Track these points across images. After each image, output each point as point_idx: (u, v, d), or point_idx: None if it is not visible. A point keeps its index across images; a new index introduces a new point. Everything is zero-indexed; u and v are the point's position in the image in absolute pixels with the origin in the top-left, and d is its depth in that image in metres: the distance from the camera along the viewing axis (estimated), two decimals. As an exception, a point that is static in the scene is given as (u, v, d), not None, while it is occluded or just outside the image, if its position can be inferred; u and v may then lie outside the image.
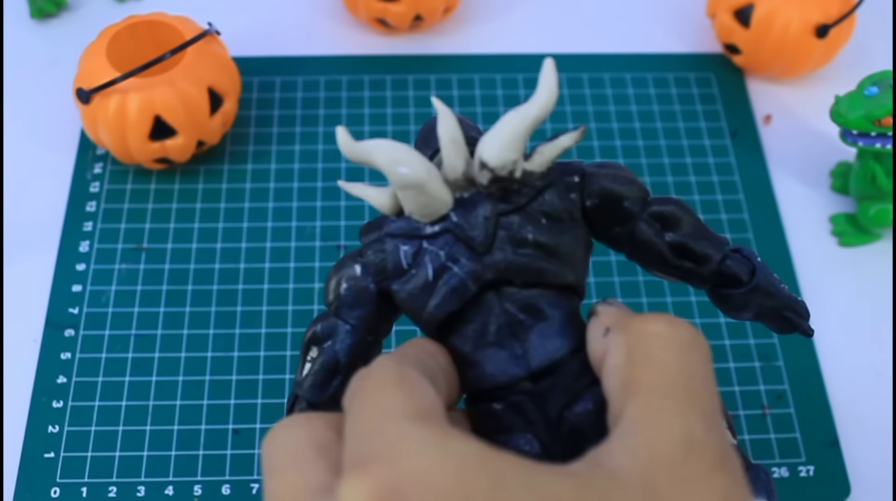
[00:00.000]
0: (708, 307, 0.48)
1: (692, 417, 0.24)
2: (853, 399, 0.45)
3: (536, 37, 0.59)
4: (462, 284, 0.28)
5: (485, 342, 0.28)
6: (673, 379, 0.24)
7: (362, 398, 0.24)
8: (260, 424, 0.44)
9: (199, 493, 0.42)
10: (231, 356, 0.45)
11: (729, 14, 0.55)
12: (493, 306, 0.28)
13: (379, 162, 0.27)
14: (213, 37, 0.51)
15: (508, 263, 0.27)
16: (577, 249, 0.29)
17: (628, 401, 0.24)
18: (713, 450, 0.23)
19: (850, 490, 0.43)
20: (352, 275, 0.29)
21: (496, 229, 0.28)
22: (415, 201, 0.28)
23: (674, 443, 0.23)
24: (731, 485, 0.23)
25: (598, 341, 0.27)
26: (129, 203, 0.50)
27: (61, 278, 0.48)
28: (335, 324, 0.30)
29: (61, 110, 0.54)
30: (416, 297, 0.28)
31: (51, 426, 0.43)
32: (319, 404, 0.30)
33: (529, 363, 0.27)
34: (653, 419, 0.24)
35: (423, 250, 0.28)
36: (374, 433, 0.23)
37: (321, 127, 0.54)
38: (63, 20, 0.59)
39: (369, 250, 0.29)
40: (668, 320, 0.26)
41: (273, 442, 0.25)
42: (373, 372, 0.25)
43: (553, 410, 0.27)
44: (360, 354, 0.30)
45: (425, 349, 0.28)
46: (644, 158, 0.53)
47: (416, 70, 0.57)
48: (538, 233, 0.28)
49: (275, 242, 0.49)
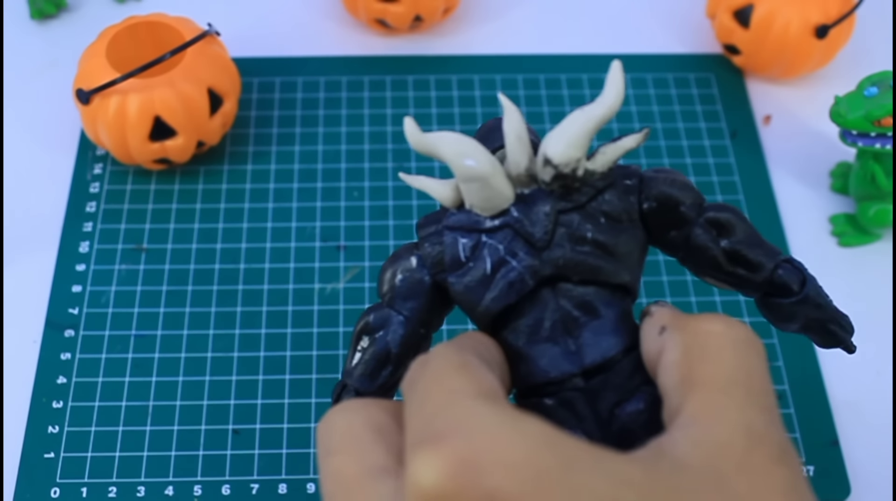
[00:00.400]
0: (705, 308, 0.48)
1: (752, 411, 0.24)
2: (853, 399, 0.45)
3: (536, 37, 0.59)
4: (520, 278, 0.28)
5: (539, 338, 0.28)
6: (731, 375, 0.25)
7: (427, 380, 0.24)
8: (260, 424, 0.44)
9: (199, 493, 0.42)
10: (231, 356, 0.45)
11: (729, 14, 0.55)
12: (548, 301, 0.28)
13: (446, 154, 0.28)
14: (213, 37, 0.51)
15: (567, 259, 0.28)
16: (633, 249, 0.29)
17: (687, 396, 0.25)
18: (775, 443, 0.24)
19: (851, 490, 0.43)
20: (408, 267, 0.30)
21: (556, 226, 0.28)
22: (478, 194, 0.28)
23: (736, 434, 0.23)
24: (794, 479, 0.23)
25: (654, 339, 0.27)
26: (129, 204, 0.51)
27: (61, 278, 0.48)
28: (388, 315, 0.30)
29: (61, 111, 0.54)
30: (472, 290, 0.29)
31: (51, 427, 0.43)
32: (368, 393, 0.30)
33: (583, 359, 0.28)
34: (714, 411, 0.24)
35: (482, 243, 0.28)
36: (444, 410, 0.23)
37: (321, 128, 0.54)
38: (63, 21, 0.59)
39: (426, 243, 0.30)
40: (724, 319, 0.26)
41: (330, 424, 0.26)
42: (434, 357, 0.25)
43: (604, 408, 0.28)
44: (411, 346, 0.30)
45: (481, 340, 0.28)
46: (644, 159, 0.53)
47: (416, 71, 0.57)
48: (597, 232, 0.28)
49: (275, 242, 0.49)
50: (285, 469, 0.42)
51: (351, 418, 0.25)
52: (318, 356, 0.46)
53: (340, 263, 0.49)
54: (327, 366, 0.45)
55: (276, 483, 0.42)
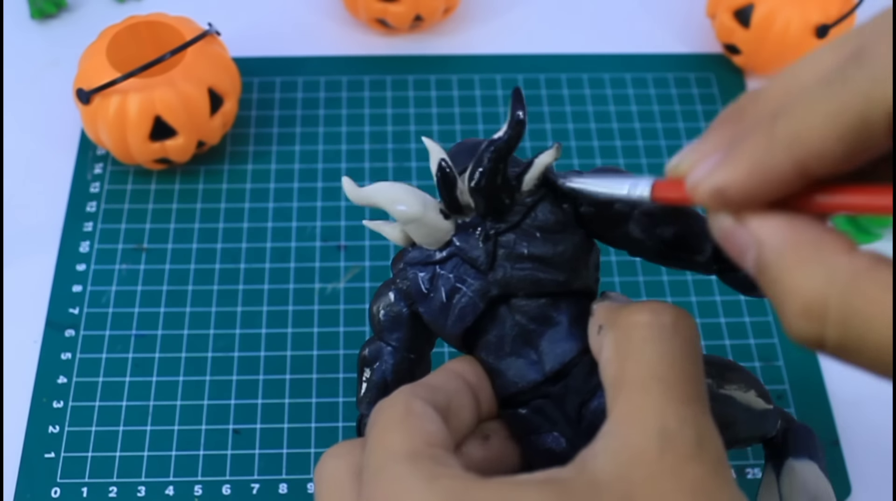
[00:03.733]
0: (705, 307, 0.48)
1: (668, 409, 0.24)
2: (853, 399, 0.45)
3: (536, 37, 0.59)
4: (471, 302, 0.30)
5: (504, 353, 0.30)
6: (652, 371, 0.25)
7: (373, 434, 0.26)
8: (260, 424, 0.44)
9: (200, 493, 0.42)
10: (231, 356, 0.46)
11: (729, 14, 0.55)
12: (505, 318, 0.30)
13: (380, 202, 0.30)
14: (214, 37, 0.51)
15: (508, 278, 0.30)
16: (576, 254, 0.30)
17: (615, 397, 0.25)
18: (686, 440, 0.24)
19: (851, 490, 0.43)
20: (388, 301, 0.32)
21: (496, 248, 0.30)
22: (418, 233, 0.31)
23: (649, 439, 0.24)
24: (704, 474, 0.23)
25: (595, 339, 0.28)
26: (130, 204, 0.51)
27: (61, 278, 0.48)
28: (380, 347, 0.32)
29: (61, 111, 0.54)
30: (436, 318, 0.31)
31: (51, 427, 0.43)
32: None
33: (544, 367, 0.29)
34: (631, 416, 0.24)
35: (437, 274, 0.31)
36: (378, 473, 0.25)
37: (321, 127, 0.54)
38: (63, 21, 0.59)
39: (398, 278, 0.32)
40: (651, 308, 0.26)
41: (321, 470, 0.28)
42: (384, 406, 0.27)
43: (571, 409, 0.29)
44: (404, 371, 0.32)
45: (451, 370, 0.30)
46: (644, 159, 0.53)
47: (416, 70, 0.57)
48: (532, 247, 0.30)
49: (275, 242, 0.49)
50: (286, 468, 0.42)
51: (337, 464, 0.27)
52: (318, 355, 0.46)
53: (341, 263, 0.49)
54: (327, 366, 0.45)
55: (276, 483, 0.42)
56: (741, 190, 0.22)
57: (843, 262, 0.21)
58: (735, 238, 0.23)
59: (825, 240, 0.21)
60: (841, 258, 0.21)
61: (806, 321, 0.21)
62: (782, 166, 0.21)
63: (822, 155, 0.21)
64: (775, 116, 0.21)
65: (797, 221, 0.22)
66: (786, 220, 0.22)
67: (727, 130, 0.24)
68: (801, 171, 0.21)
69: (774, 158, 0.21)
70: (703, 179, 0.23)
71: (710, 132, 0.24)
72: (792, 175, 0.21)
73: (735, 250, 0.23)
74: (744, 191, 0.22)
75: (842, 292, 0.20)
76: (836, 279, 0.20)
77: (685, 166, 0.24)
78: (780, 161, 0.21)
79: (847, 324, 0.20)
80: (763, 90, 0.24)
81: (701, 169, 0.23)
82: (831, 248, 0.21)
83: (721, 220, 0.23)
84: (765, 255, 0.22)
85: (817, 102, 0.21)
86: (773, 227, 0.22)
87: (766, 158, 0.21)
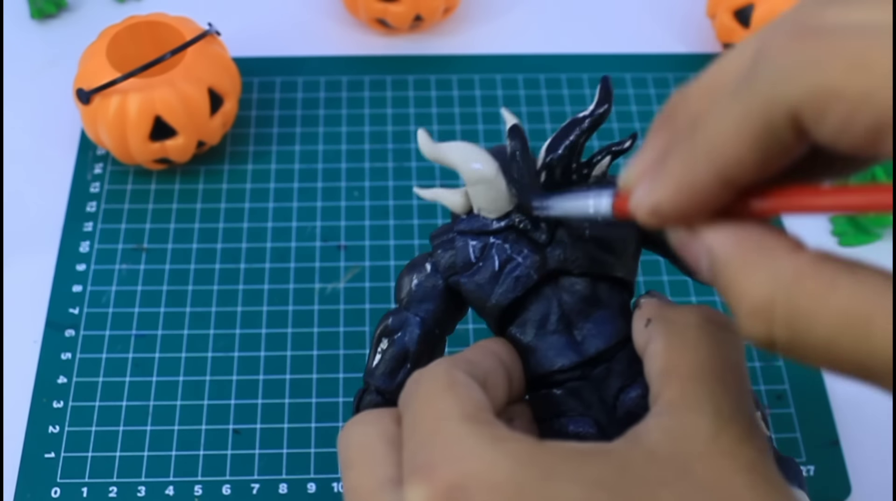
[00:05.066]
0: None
1: (722, 397, 0.26)
2: (853, 399, 0.45)
3: (536, 37, 0.59)
4: (526, 273, 0.30)
5: (545, 331, 0.30)
6: (706, 365, 0.26)
7: (419, 401, 0.26)
8: (260, 424, 0.44)
9: (200, 493, 0.42)
10: (231, 356, 0.46)
11: (729, 14, 0.55)
12: (551, 297, 0.31)
13: (455, 160, 0.31)
14: (214, 37, 0.51)
15: (567, 254, 0.30)
16: (628, 246, 0.31)
17: (665, 384, 0.26)
18: (741, 425, 0.25)
19: (851, 490, 0.43)
20: (423, 273, 0.32)
21: (556, 225, 0.30)
22: (484, 196, 0.31)
23: (704, 419, 0.25)
24: (756, 456, 0.25)
25: (642, 331, 0.29)
26: (130, 204, 0.51)
27: (61, 278, 0.48)
28: (406, 317, 0.32)
29: (61, 111, 0.54)
30: (482, 287, 0.31)
31: (51, 427, 0.43)
32: (388, 392, 0.32)
33: (588, 349, 0.30)
34: (687, 399, 0.26)
35: (490, 244, 0.31)
36: (432, 436, 0.25)
37: (321, 127, 0.54)
38: (63, 20, 0.59)
39: (439, 249, 0.32)
40: (704, 312, 0.28)
41: (348, 438, 0.27)
42: (425, 376, 0.27)
43: (609, 394, 0.30)
44: (427, 345, 0.32)
45: (486, 348, 0.30)
46: (644, 159, 0.53)
47: (416, 70, 0.57)
48: (594, 229, 0.30)
49: (275, 242, 0.49)
50: (286, 468, 0.42)
51: (366, 430, 0.27)
52: (318, 355, 0.46)
53: (341, 262, 0.49)
54: (328, 366, 0.45)
55: (276, 483, 0.42)
56: (672, 207, 0.23)
57: (787, 262, 0.21)
58: (689, 248, 0.24)
59: (769, 242, 0.22)
60: (785, 259, 0.21)
61: (755, 322, 0.21)
62: (705, 180, 0.22)
63: (740, 164, 0.21)
64: (695, 126, 0.22)
65: (744, 226, 0.22)
66: (733, 226, 0.22)
67: (662, 137, 0.25)
68: (724, 181, 0.22)
69: (696, 173, 0.22)
70: (641, 199, 0.24)
71: (649, 139, 0.25)
72: (717, 187, 0.22)
73: (692, 259, 0.24)
74: (675, 208, 0.23)
75: (786, 291, 0.21)
76: (781, 279, 0.21)
77: (632, 181, 0.25)
78: (702, 175, 0.22)
79: (793, 323, 0.21)
80: (689, 90, 0.25)
81: (638, 191, 0.24)
82: (775, 249, 0.21)
83: (675, 231, 0.24)
84: (715, 261, 0.23)
85: (726, 110, 0.21)
86: (721, 234, 0.23)
87: (689, 174, 0.22)
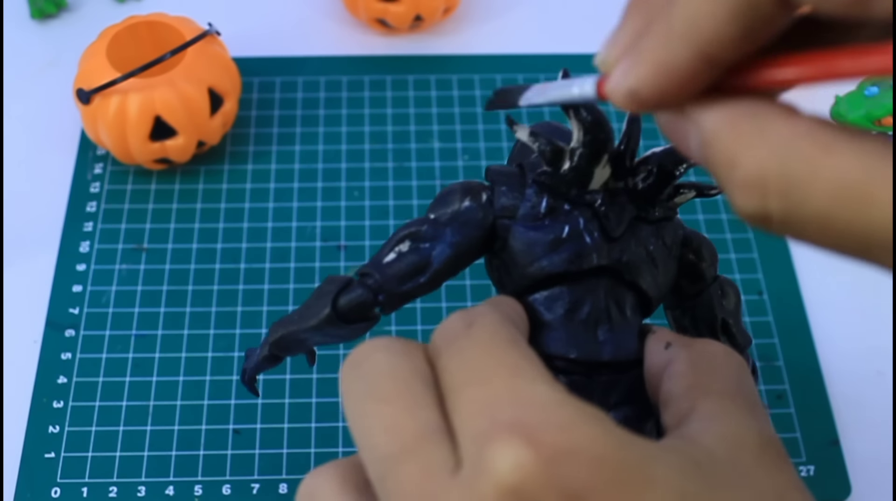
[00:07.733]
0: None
1: (759, 419, 0.26)
2: (853, 399, 0.45)
3: (536, 37, 0.59)
4: (588, 253, 0.30)
5: (575, 317, 0.30)
6: (735, 388, 0.27)
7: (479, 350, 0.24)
8: (260, 424, 0.44)
9: (200, 493, 0.42)
10: (231, 356, 0.46)
11: (729, 14, 0.54)
12: (592, 289, 0.30)
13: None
14: (214, 37, 0.51)
15: (628, 257, 0.30)
16: (670, 277, 0.32)
17: (699, 399, 0.26)
18: (778, 446, 0.26)
19: (851, 490, 0.43)
20: (478, 199, 0.31)
21: (630, 229, 0.30)
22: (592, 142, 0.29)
23: (751, 433, 0.25)
24: (795, 475, 0.25)
25: (659, 353, 0.29)
26: (130, 204, 0.51)
27: (62, 278, 0.48)
28: (443, 232, 0.30)
29: (61, 111, 0.54)
30: (535, 245, 0.30)
31: (51, 427, 0.43)
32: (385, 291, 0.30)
33: (604, 353, 0.30)
34: (729, 413, 0.25)
35: (564, 210, 0.30)
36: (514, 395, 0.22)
37: (321, 127, 0.54)
38: (63, 20, 0.59)
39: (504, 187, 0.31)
40: (723, 345, 0.29)
41: (374, 364, 0.24)
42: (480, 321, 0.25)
43: (604, 404, 0.30)
44: (448, 270, 0.30)
45: (514, 308, 0.28)
46: (644, 159, 0.53)
47: (416, 70, 0.57)
48: (656, 248, 0.31)
49: (275, 242, 0.49)
50: (286, 468, 0.42)
51: (397, 362, 0.24)
52: (318, 355, 0.46)
53: (341, 263, 0.49)
54: (328, 366, 0.45)
55: (276, 483, 0.42)
56: (652, 90, 0.22)
57: (781, 127, 0.20)
58: (675, 127, 0.22)
59: (763, 110, 0.20)
60: (778, 124, 0.20)
61: (748, 194, 0.20)
62: (684, 58, 0.21)
63: (721, 39, 0.20)
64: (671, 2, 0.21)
65: (735, 99, 0.21)
66: (723, 101, 0.21)
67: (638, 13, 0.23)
68: (705, 59, 0.21)
69: (675, 52, 0.21)
70: (618, 82, 0.22)
71: (625, 17, 0.23)
72: (698, 65, 0.21)
73: (681, 142, 0.23)
74: (654, 90, 0.22)
75: (780, 157, 0.19)
76: (774, 145, 0.19)
77: (610, 62, 0.23)
78: (680, 54, 0.21)
79: (787, 193, 0.19)
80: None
81: (615, 74, 0.22)
82: (769, 115, 0.20)
83: (662, 114, 0.23)
84: (705, 137, 0.21)
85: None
86: (710, 109, 0.21)
87: (667, 54, 0.21)
